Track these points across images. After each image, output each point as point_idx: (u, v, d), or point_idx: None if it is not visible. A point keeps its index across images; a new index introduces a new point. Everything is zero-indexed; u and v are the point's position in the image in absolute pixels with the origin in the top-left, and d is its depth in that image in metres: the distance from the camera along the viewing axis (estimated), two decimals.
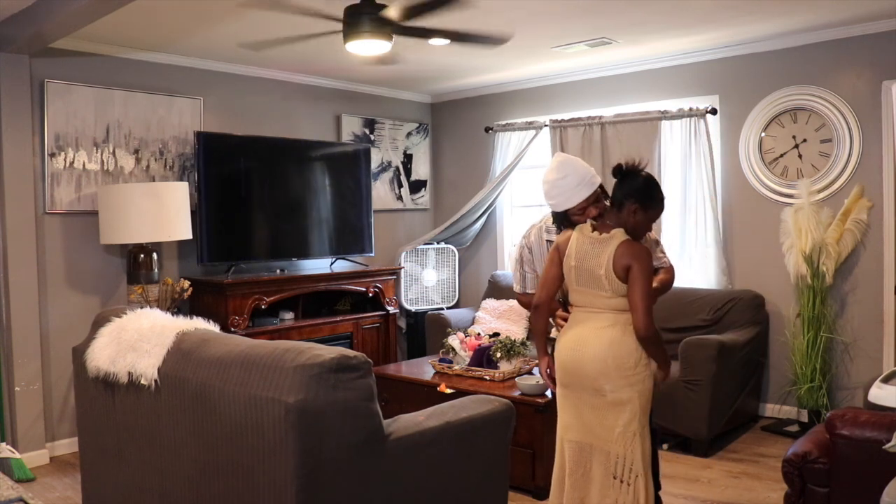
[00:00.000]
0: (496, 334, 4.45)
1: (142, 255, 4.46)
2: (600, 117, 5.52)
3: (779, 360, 4.85)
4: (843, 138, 4.58)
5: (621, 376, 2.55)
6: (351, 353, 2.15)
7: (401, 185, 6.52)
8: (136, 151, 4.76)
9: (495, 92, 6.32)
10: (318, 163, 5.51)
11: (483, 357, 4.17)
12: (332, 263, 5.68)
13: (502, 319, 5.62)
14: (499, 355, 4.11)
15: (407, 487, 2.29)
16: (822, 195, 4.62)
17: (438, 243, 6.34)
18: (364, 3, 3.51)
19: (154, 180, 4.83)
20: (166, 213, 4.33)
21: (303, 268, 5.53)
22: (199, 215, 4.72)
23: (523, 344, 4.19)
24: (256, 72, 5.38)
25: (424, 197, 6.75)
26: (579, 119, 5.65)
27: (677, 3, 3.98)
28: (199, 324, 2.66)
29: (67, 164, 4.46)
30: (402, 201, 6.55)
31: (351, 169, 5.70)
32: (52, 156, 4.40)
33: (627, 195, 2.60)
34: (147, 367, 2.47)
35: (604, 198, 2.80)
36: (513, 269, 3.28)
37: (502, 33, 4.39)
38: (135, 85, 4.76)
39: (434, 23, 3.83)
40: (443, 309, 6.09)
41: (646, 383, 2.58)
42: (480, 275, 6.47)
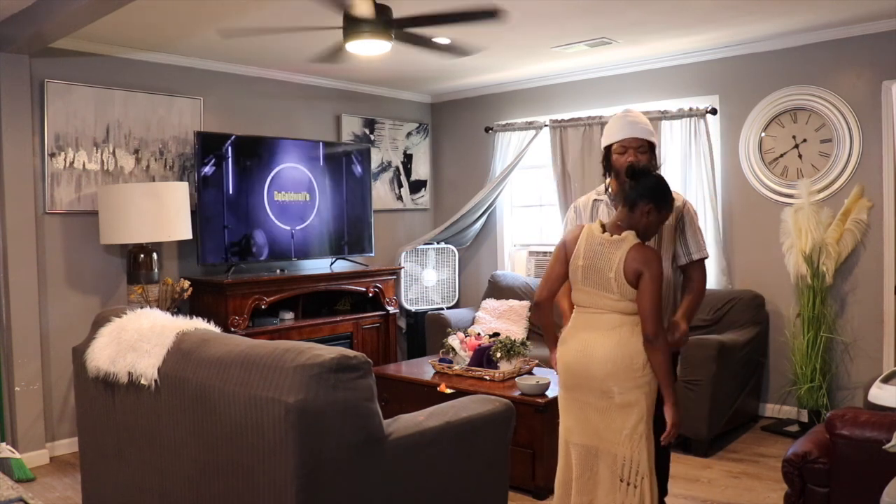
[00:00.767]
0: (496, 334, 4.44)
1: (142, 255, 4.46)
2: (600, 117, 5.52)
3: (779, 360, 4.86)
4: (843, 138, 4.58)
5: (629, 377, 2.53)
6: (351, 353, 2.14)
7: (401, 185, 6.52)
8: (136, 151, 4.76)
9: (495, 92, 6.32)
10: (318, 163, 5.51)
11: (483, 357, 4.17)
12: (332, 263, 5.68)
13: (502, 319, 5.62)
14: (499, 355, 4.11)
15: (407, 487, 2.29)
16: (822, 195, 4.63)
17: (438, 243, 6.34)
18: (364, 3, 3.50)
19: (154, 180, 4.83)
20: (166, 213, 4.33)
21: (303, 268, 5.53)
22: (198, 215, 4.72)
23: (523, 344, 4.19)
24: (256, 72, 5.38)
25: (424, 197, 6.75)
26: (579, 119, 5.65)
27: (677, 3, 3.98)
28: (199, 324, 2.66)
29: (67, 164, 4.46)
30: (402, 201, 6.55)
31: (351, 169, 5.71)
32: (52, 156, 4.40)
33: (642, 195, 2.57)
34: (147, 367, 2.47)
35: (654, 161, 2.81)
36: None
37: (493, 4, 4.20)
38: (135, 85, 4.76)
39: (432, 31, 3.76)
40: (443, 309, 6.09)
41: (652, 384, 2.56)
42: (480, 275, 6.48)
